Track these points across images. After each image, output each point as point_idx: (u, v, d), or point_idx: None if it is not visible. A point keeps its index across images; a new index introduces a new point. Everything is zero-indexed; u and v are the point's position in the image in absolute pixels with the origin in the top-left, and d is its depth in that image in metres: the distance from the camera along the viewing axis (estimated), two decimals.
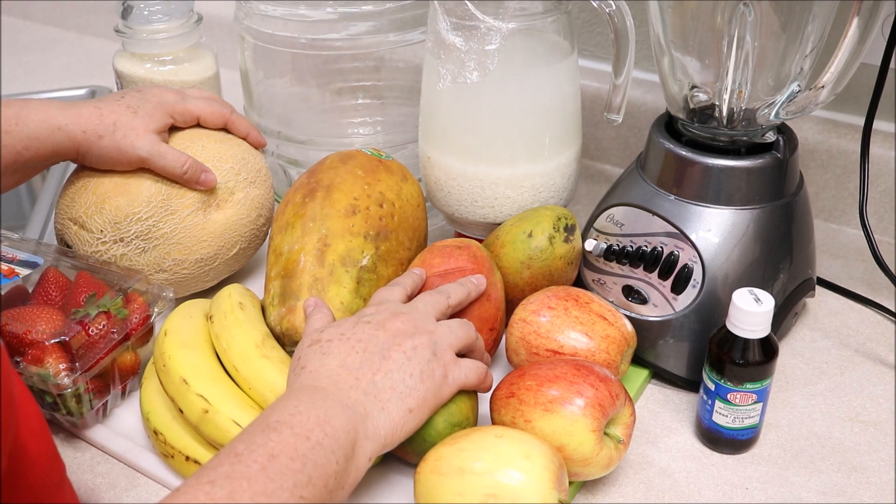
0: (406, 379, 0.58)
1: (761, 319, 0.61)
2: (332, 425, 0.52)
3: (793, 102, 0.68)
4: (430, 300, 0.64)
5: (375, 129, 0.96)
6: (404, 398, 0.57)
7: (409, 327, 0.60)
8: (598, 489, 0.64)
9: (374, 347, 0.58)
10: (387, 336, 0.59)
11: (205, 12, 0.99)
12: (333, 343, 0.59)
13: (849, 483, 0.64)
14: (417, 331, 0.60)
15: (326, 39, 0.87)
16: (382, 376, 0.57)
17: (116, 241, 0.74)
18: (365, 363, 0.57)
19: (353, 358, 0.58)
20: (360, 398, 0.56)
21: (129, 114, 0.73)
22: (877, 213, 0.90)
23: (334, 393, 0.55)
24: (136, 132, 0.72)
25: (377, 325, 0.60)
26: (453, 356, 0.61)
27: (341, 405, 0.54)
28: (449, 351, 0.61)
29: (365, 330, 0.60)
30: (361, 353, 0.58)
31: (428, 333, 0.61)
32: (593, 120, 1.01)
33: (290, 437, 0.50)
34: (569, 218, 0.74)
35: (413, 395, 0.58)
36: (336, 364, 0.57)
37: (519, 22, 0.72)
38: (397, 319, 0.61)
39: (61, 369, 0.63)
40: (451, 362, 0.61)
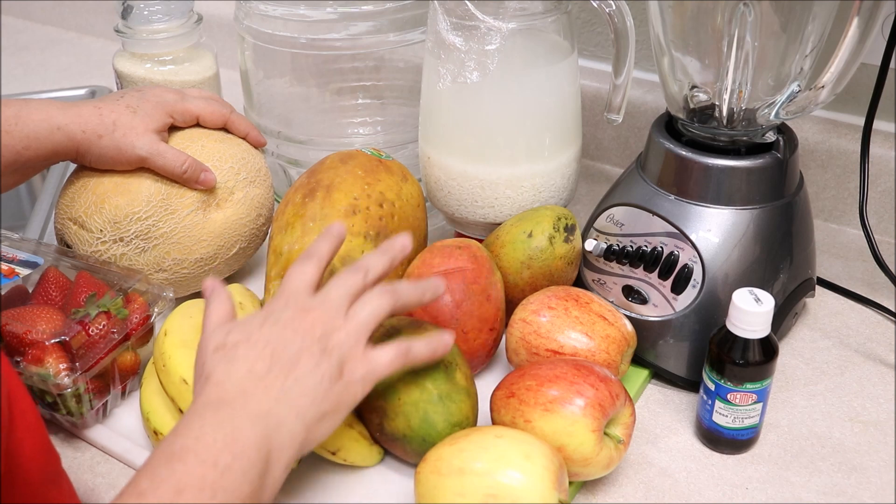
0: (318, 384, 0.54)
1: (761, 319, 0.61)
2: (240, 444, 0.50)
3: (793, 102, 0.68)
4: (343, 284, 0.59)
5: (375, 129, 0.96)
6: (318, 403, 0.54)
7: (317, 326, 0.56)
8: (598, 489, 0.64)
9: (283, 351, 0.55)
10: (295, 337, 0.55)
11: (205, 12, 0.99)
12: (240, 348, 0.55)
13: (849, 483, 0.64)
14: (326, 329, 0.56)
15: (326, 39, 0.87)
16: (293, 382, 0.54)
17: (116, 241, 0.74)
18: (273, 368, 0.54)
19: (261, 364, 0.54)
20: (272, 407, 0.52)
21: (129, 113, 0.73)
22: (877, 213, 0.90)
23: (242, 405, 0.52)
24: (136, 131, 0.72)
25: (284, 325, 0.56)
26: (364, 350, 0.57)
27: (250, 418, 0.51)
28: (359, 345, 0.57)
29: (273, 331, 0.56)
30: (269, 357, 0.54)
31: (336, 331, 0.56)
32: (593, 120, 1.01)
33: (196, 467, 0.48)
34: (569, 218, 0.74)
35: (327, 399, 0.54)
36: (243, 372, 0.54)
37: (519, 22, 0.72)
38: (306, 317, 0.56)
39: (61, 369, 0.63)
40: (361, 359, 0.56)
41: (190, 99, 0.78)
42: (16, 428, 0.50)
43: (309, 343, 0.55)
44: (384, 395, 0.62)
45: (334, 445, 0.63)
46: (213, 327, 0.58)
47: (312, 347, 0.55)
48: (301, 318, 0.56)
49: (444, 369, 0.63)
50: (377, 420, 0.63)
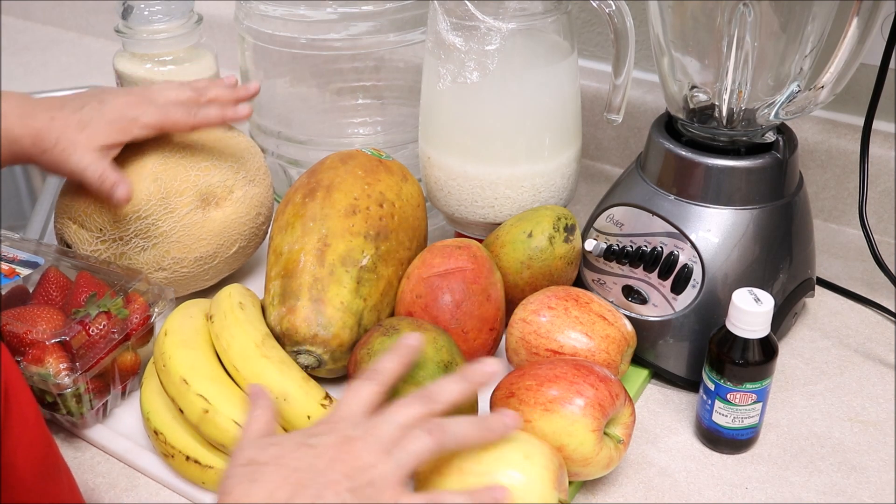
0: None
1: (761, 319, 0.61)
2: None
3: (792, 102, 0.68)
4: (399, 415, 0.54)
5: (375, 129, 0.96)
6: None
7: (354, 460, 0.51)
8: (598, 489, 0.64)
9: (310, 482, 0.50)
10: (327, 468, 0.51)
11: (205, 12, 0.99)
12: (268, 469, 0.51)
13: (848, 483, 0.64)
14: (362, 465, 0.51)
15: (326, 39, 0.87)
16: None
17: (116, 240, 0.74)
18: (292, 497, 0.49)
19: (283, 491, 0.50)
20: None
21: (76, 129, 0.70)
22: (876, 213, 0.90)
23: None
24: (75, 147, 0.70)
25: (320, 453, 0.52)
26: (398, 493, 0.51)
27: None
28: (391, 489, 0.51)
29: (305, 457, 0.52)
30: (293, 485, 0.50)
31: (372, 469, 0.51)
32: (593, 120, 1.01)
33: None
34: (569, 218, 0.74)
35: None
36: (261, 495, 0.50)
37: (519, 22, 0.72)
38: (346, 448, 0.52)
39: (61, 369, 0.63)
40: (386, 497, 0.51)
41: (149, 111, 0.73)
42: (13, 420, 0.50)
43: (339, 478, 0.50)
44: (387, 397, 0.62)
45: None
46: (249, 438, 0.55)
47: (341, 483, 0.50)
48: (339, 447, 0.52)
49: (443, 369, 0.63)
50: None
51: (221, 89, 0.77)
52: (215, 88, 0.77)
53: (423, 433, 0.53)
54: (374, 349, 0.64)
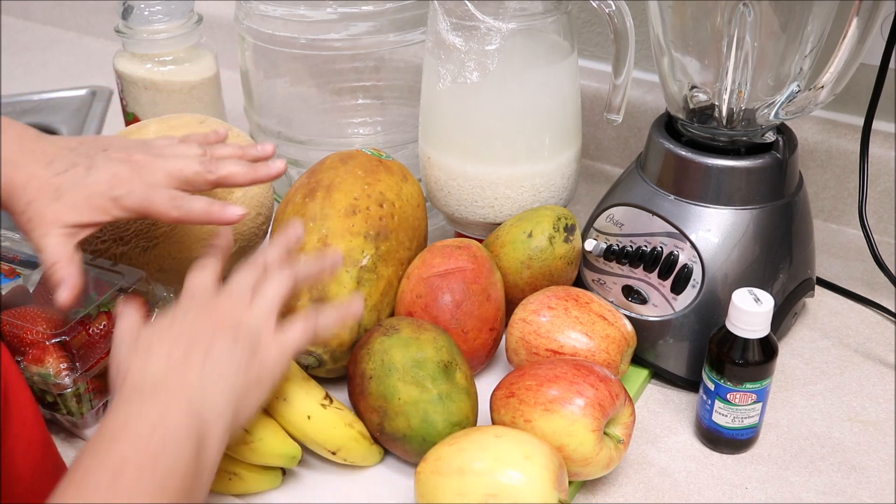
0: (235, 363, 0.56)
1: (761, 319, 0.61)
2: (173, 425, 0.51)
3: (792, 102, 0.68)
4: (242, 277, 0.61)
5: (375, 129, 0.96)
6: (239, 379, 0.56)
7: (225, 316, 0.58)
8: (598, 489, 0.64)
9: (197, 339, 0.56)
10: (206, 327, 0.57)
11: (205, 12, 0.99)
12: (153, 344, 0.56)
13: (848, 483, 0.64)
14: (234, 317, 0.58)
15: (326, 40, 0.87)
16: (211, 365, 0.55)
17: (116, 240, 0.74)
18: (190, 355, 0.55)
19: (177, 353, 0.55)
20: (194, 391, 0.53)
21: (51, 197, 0.61)
22: (876, 213, 0.90)
23: (165, 392, 0.53)
24: (41, 220, 0.61)
25: (194, 319, 0.58)
26: (273, 329, 0.59)
27: (177, 402, 0.52)
28: (268, 325, 0.59)
29: (183, 326, 0.57)
30: (184, 346, 0.55)
31: (244, 316, 0.58)
32: (593, 120, 1.01)
33: (129, 450, 0.48)
34: (569, 218, 0.74)
35: (247, 375, 0.56)
36: (161, 363, 0.55)
37: (519, 22, 0.72)
38: (214, 310, 0.58)
39: (62, 369, 0.63)
40: (273, 337, 0.59)
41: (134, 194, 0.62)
42: (12, 420, 0.50)
43: (220, 330, 0.57)
44: (384, 395, 0.63)
45: (334, 445, 0.63)
46: (124, 339, 0.58)
47: (224, 333, 0.57)
48: (208, 312, 0.58)
49: (443, 369, 0.63)
50: (377, 420, 0.63)
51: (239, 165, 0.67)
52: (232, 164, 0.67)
53: (275, 277, 0.61)
54: (374, 349, 0.64)
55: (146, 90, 0.95)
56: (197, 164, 0.64)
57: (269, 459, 0.62)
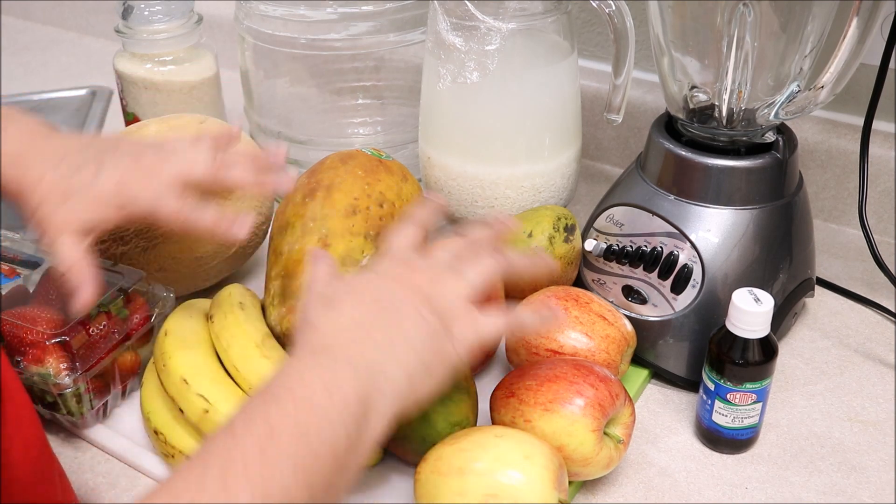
0: (423, 337, 0.53)
1: (761, 319, 0.61)
2: (339, 388, 0.48)
3: (792, 102, 0.68)
4: (450, 247, 0.59)
5: (375, 129, 0.96)
6: (421, 356, 0.52)
7: (424, 283, 0.55)
8: (598, 489, 0.64)
9: (389, 303, 0.54)
10: (402, 291, 0.55)
11: (205, 12, 0.99)
12: (346, 299, 0.54)
13: (848, 483, 0.64)
14: (434, 286, 0.55)
15: (326, 40, 0.87)
16: (397, 332, 0.52)
17: (116, 240, 0.74)
18: (379, 319, 0.53)
19: (367, 314, 0.53)
20: (375, 356, 0.51)
21: (60, 200, 0.61)
22: (876, 213, 0.90)
23: (346, 352, 0.51)
24: (50, 223, 0.61)
25: (392, 279, 0.56)
26: (469, 310, 0.56)
27: (351, 364, 0.50)
28: (466, 306, 0.56)
29: (380, 285, 0.55)
30: (375, 309, 0.53)
31: (444, 289, 0.55)
32: (593, 120, 1.01)
33: (291, 408, 0.46)
34: (569, 218, 0.74)
35: (432, 353, 0.53)
36: (347, 321, 0.53)
37: (519, 22, 0.72)
38: (414, 274, 0.56)
39: (62, 369, 0.63)
40: (467, 320, 0.55)
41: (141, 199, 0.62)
42: (9, 420, 0.50)
43: (415, 298, 0.54)
44: None
45: None
46: (317, 284, 0.57)
47: (418, 302, 0.54)
48: (409, 274, 0.56)
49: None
50: None
51: (249, 172, 0.66)
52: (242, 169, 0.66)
53: (487, 257, 0.58)
54: None
55: (146, 90, 0.95)
56: (204, 168, 0.64)
57: None
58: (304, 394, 0.47)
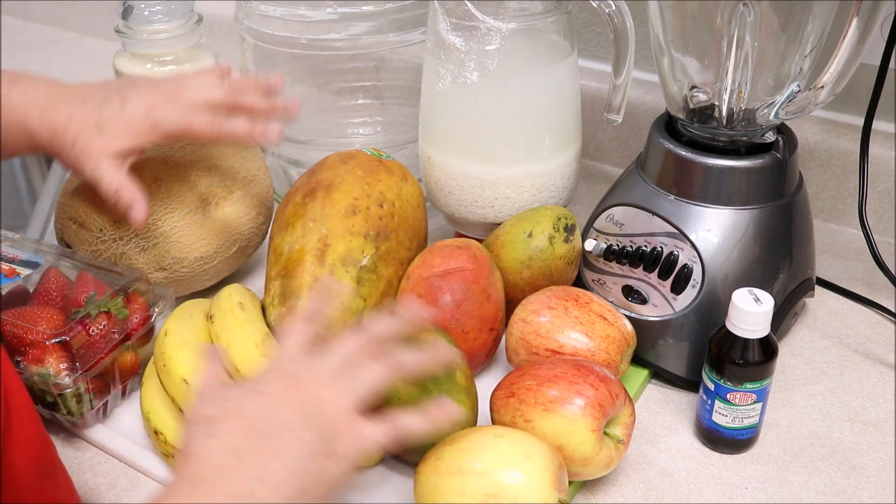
0: (299, 459, 0.50)
1: (761, 319, 0.61)
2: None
3: (792, 102, 0.68)
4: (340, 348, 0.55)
5: (375, 129, 0.96)
6: (298, 479, 0.50)
7: (304, 398, 0.52)
8: (598, 489, 0.64)
9: (264, 427, 0.51)
10: (279, 410, 0.52)
11: (205, 12, 0.99)
12: (218, 423, 0.51)
13: (848, 483, 0.64)
14: (313, 401, 0.52)
15: (326, 40, 0.87)
16: (272, 458, 0.50)
17: (116, 240, 0.74)
18: (253, 445, 0.50)
19: (241, 441, 0.50)
20: (250, 486, 0.49)
21: (94, 132, 0.66)
22: (876, 213, 0.90)
23: (221, 484, 0.49)
24: (90, 153, 0.66)
25: (270, 397, 0.52)
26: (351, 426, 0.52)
27: (227, 498, 0.48)
28: (349, 419, 0.52)
29: (257, 405, 0.52)
30: (249, 433, 0.50)
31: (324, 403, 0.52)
32: (593, 120, 1.01)
33: None
34: (569, 218, 0.74)
35: (308, 474, 0.50)
36: (222, 449, 0.50)
37: (519, 22, 0.72)
38: (294, 388, 0.53)
39: (62, 369, 0.63)
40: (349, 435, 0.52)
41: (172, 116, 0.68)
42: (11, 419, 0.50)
43: (295, 419, 0.51)
44: (384, 395, 0.62)
45: None
46: (203, 393, 0.55)
47: (298, 424, 0.51)
48: (289, 389, 0.53)
49: (443, 369, 0.63)
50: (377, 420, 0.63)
51: (258, 97, 0.71)
52: (252, 94, 0.71)
53: (371, 361, 0.54)
54: None
55: None
56: (221, 91, 0.69)
57: None
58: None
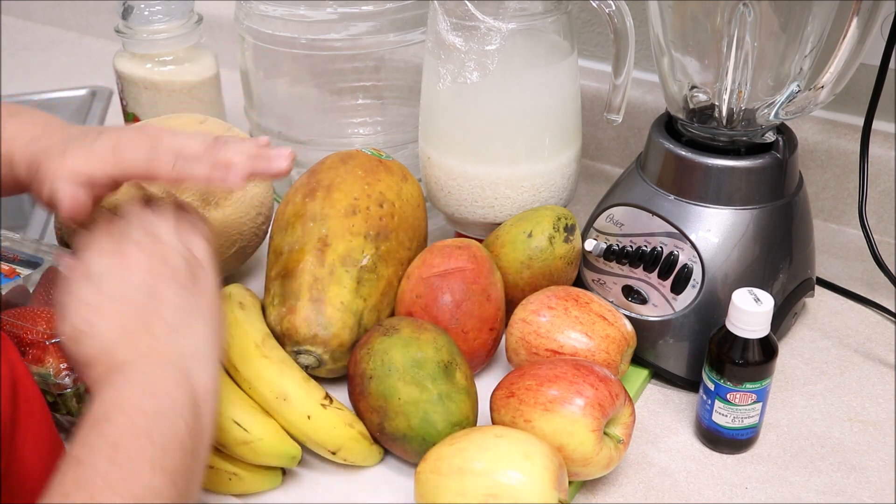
0: (190, 304, 0.54)
1: (761, 319, 0.61)
2: (163, 388, 0.49)
3: (792, 103, 0.68)
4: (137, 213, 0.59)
5: (375, 129, 0.96)
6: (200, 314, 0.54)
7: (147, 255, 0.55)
8: (598, 489, 0.64)
9: (138, 295, 0.54)
10: (138, 276, 0.54)
11: (205, 12, 0.99)
12: (96, 316, 0.53)
13: (848, 483, 0.64)
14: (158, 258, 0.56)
15: (326, 40, 0.87)
16: (170, 312, 0.53)
17: None
18: (142, 315, 0.53)
19: (131, 318, 0.53)
20: (168, 347, 0.52)
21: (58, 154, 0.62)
22: (876, 213, 0.90)
23: (141, 359, 0.51)
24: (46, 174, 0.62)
25: (118, 271, 0.55)
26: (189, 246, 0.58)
27: (155, 365, 0.51)
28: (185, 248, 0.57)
29: (112, 286, 0.54)
30: (133, 308, 0.53)
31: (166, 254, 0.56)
32: (593, 120, 1.01)
33: (125, 421, 0.47)
34: (569, 218, 0.74)
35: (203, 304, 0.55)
36: (117, 334, 0.52)
37: (519, 22, 0.72)
38: (125, 254, 0.55)
39: (62, 369, 0.63)
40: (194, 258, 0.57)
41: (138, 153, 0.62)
42: (21, 415, 0.50)
43: (153, 274, 0.55)
44: (384, 395, 0.63)
45: (334, 445, 0.63)
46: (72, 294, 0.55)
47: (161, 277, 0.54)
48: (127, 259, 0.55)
49: (443, 369, 0.63)
50: (377, 420, 0.63)
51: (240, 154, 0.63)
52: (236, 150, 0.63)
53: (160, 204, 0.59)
54: (374, 349, 0.65)
55: (146, 90, 0.95)
56: (200, 145, 0.63)
57: (269, 459, 0.62)
58: (129, 404, 0.48)
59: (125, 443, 0.46)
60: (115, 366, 0.51)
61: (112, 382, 0.50)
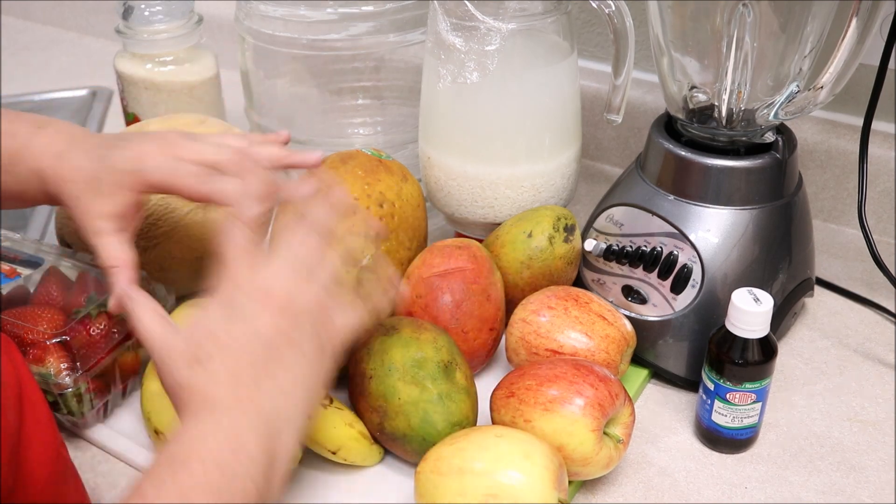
0: (301, 366, 0.52)
1: (760, 319, 0.62)
2: (245, 448, 0.48)
3: (792, 103, 0.68)
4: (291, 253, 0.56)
5: (375, 129, 0.96)
6: (306, 384, 0.52)
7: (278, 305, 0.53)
8: (597, 489, 0.64)
9: (260, 349, 0.51)
10: (261, 329, 0.52)
11: (205, 12, 0.99)
12: (215, 359, 0.51)
13: (847, 482, 0.64)
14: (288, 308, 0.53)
15: (327, 40, 0.87)
16: (283, 374, 0.51)
17: None
18: (260, 365, 0.51)
19: (245, 366, 0.51)
20: (268, 405, 0.50)
21: (93, 193, 0.61)
22: (876, 214, 0.90)
23: (236, 406, 0.50)
24: (86, 218, 0.61)
25: (246, 321, 0.52)
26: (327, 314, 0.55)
27: (250, 421, 0.49)
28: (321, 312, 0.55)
29: (242, 331, 0.52)
30: (250, 357, 0.51)
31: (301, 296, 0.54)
32: (593, 120, 1.01)
33: (199, 473, 0.46)
34: (568, 218, 0.74)
35: (312, 377, 0.53)
36: (227, 377, 0.51)
37: (519, 22, 0.72)
38: (264, 303, 0.53)
39: (62, 369, 0.63)
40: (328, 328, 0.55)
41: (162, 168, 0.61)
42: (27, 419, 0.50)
43: (278, 328, 0.52)
44: (384, 394, 0.63)
45: (334, 445, 0.63)
46: (165, 340, 0.53)
47: (283, 331, 0.52)
48: (260, 304, 0.53)
49: (443, 369, 0.63)
50: (377, 420, 0.63)
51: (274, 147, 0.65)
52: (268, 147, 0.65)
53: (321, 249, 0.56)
54: (373, 349, 0.65)
55: (147, 90, 0.95)
56: (224, 154, 0.62)
57: None
58: (209, 457, 0.47)
59: (194, 496, 0.45)
60: (209, 402, 0.50)
61: (200, 419, 0.49)
